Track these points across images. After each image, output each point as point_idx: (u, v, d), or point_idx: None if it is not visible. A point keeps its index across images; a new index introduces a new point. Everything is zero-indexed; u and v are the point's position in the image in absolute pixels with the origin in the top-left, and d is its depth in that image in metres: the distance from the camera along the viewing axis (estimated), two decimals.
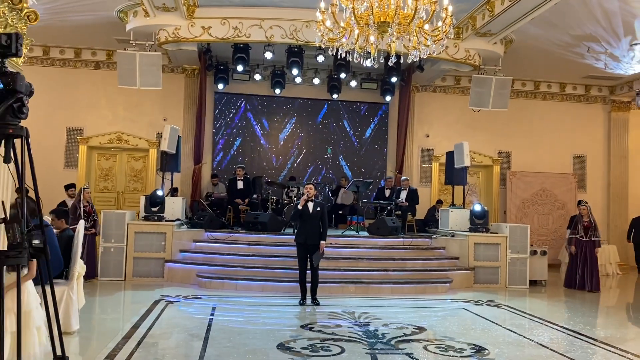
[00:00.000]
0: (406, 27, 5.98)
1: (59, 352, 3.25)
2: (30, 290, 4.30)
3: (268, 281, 9.12)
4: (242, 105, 13.92)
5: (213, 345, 5.68)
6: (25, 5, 3.18)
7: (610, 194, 14.95)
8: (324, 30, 6.34)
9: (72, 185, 10.84)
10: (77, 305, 5.99)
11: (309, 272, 8.18)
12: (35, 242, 2.98)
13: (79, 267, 5.96)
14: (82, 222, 6.26)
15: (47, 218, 5.83)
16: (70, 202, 10.08)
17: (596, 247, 10.55)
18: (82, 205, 9.39)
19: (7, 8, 3.10)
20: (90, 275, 9.32)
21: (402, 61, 11.76)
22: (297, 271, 8.33)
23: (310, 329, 6.55)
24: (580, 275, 10.47)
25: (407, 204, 12.00)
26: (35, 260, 3.54)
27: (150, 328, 6.33)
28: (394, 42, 6.34)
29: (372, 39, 6.36)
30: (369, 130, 14.31)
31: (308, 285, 8.21)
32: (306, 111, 14.16)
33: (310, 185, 8.31)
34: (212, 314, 7.22)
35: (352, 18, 5.97)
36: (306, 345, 5.74)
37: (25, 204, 2.93)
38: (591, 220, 10.62)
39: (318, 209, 8.15)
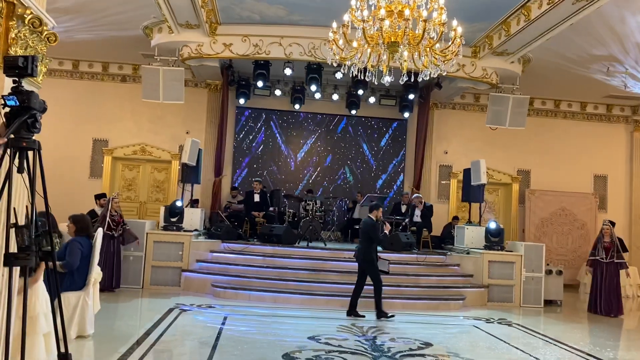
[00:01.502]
0: (416, 47, 6.13)
1: (62, 350, 3.44)
2: (39, 296, 4.39)
3: (281, 293, 9.26)
4: (263, 119, 14.22)
5: (220, 353, 5.85)
6: (45, 28, 3.43)
7: (632, 214, 14.73)
8: (336, 49, 6.52)
9: (103, 195, 10.91)
10: (93, 310, 6.22)
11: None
12: (45, 247, 3.21)
13: (95, 274, 6.20)
14: (100, 230, 6.52)
15: (64, 226, 6.10)
16: (100, 212, 10.34)
17: (620, 269, 10.00)
18: (110, 215, 9.54)
19: (28, 31, 3.35)
20: (117, 284, 9.60)
21: (419, 79, 11.88)
22: (311, 284, 8.91)
23: (318, 340, 6.66)
24: (601, 299, 9.91)
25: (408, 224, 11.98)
26: (42, 265, 3.75)
27: (161, 335, 6.53)
28: (405, 61, 6.49)
29: (384, 57, 6.54)
30: (387, 145, 14.44)
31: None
32: (325, 126, 14.38)
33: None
34: (223, 323, 7.39)
35: (363, 38, 6.15)
36: (311, 357, 5.86)
37: (34, 211, 3.15)
38: (613, 240, 10.09)
39: None
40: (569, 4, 8.16)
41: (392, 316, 8.25)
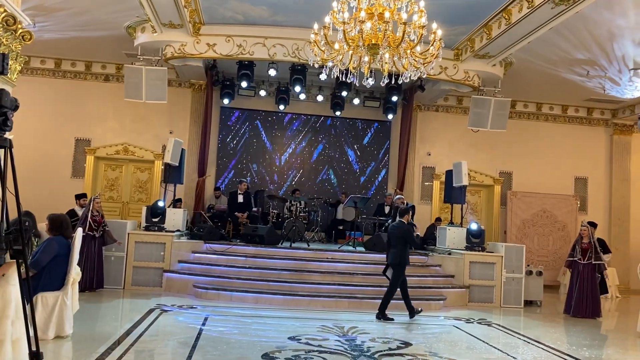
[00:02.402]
0: (396, 49, 6.18)
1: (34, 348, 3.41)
2: (7, 299, 4.13)
3: (263, 293, 9.26)
4: (247, 120, 14.21)
5: (199, 352, 5.85)
6: (19, 26, 3.41)
7: (611, 216, 14.97)
8: (317, 50, 6.56)
9: (84, 195, 10.89)
10: (72, 310, 6.19)
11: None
12: (16, 246, 3.18)
13: (74, 274, 6.17)
14: (79, 230, 6.48)
15: (43, 225, 6.05)
16: (80, 212, 10.28)
17: (599, 270, 9.92)
18: (92, 215, 9.48)
19: (1, 29, 3.34)
20: (99, 284, 9.55)
21: (400, 81, 12.00)
22: (293, 284, 9.05)
23: (298, 340, 6.68)
24: (577, 300, 9.79)
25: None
26: (13, 264, 3.70)
27: (141, 335, 6.50)
28: (386, 63, 6.55)
29: (365, 59, 6.59)
30: (371, 146, 14.52)
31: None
32: (310, 127, 14.41)
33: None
34: (203, 324, 7.38)
35: (344, 40, 6.19)
36: (290, 356, 5.87)
37: (5, 209, 3.13)
38: (592, 242, 9.97)
39: None
40: (549, 8, 8.29)
41: (392, 319, 8.36)
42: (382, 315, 8.36)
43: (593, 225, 10.97)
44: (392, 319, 8.31)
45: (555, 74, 12.04)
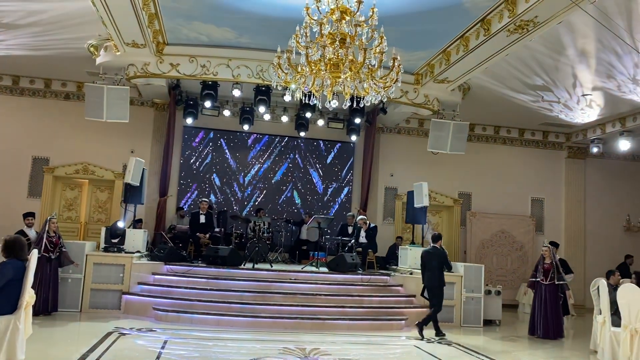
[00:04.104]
0: (357, 74, 6.33)
1: None
2: None
3: (224, 315, 9.16)
4: (211, 140, 14.16)
5: None
6: None
7: (566, 237, 15.42)
8: (281, 73, 6.65)
9: (31, 214, 10.32)
10: (24, 334, 5.99)
11: None
12: None
13: (28, 296, 5.98)
14: (34, 252, 6.29)
15: None
16: (28, 232, 9.98)
17: (561, 291, 9.89)
18: (48, 236, 9.22)
19: None
20: (54, 307, 9.28)
21: (361, 104, 12.21)
22: (255, 306, 9.24)
23: None
24: (540, 321, 9.77)
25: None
26: None
27: (98, 359, 6.34)
28: (348, 86, 6.69)
29: (327, 82, 6.71)
30: (335, 167, 14.65)
31: None
32: (274, 147, 14.46)
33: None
34: (162, 347, 7.26)
35: (306, 64, 6.30)
36: None
37: None
38: (553, 262, 9.97)
39: None
40: (504, 36, 8.62)
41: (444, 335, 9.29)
42: (440, 334, 9.24)
43: (555, 245, 11.06)
44: (445, 335, 9.29)
45: (511, 99, 12.46)
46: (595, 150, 14.55)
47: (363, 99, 6.92)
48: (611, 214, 15.69)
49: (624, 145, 13.57)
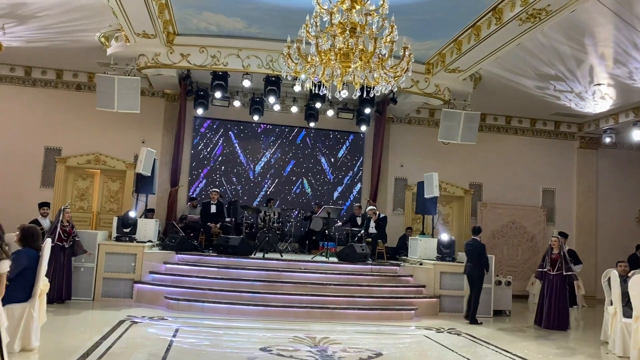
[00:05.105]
0: (367, 64, 6.30)
1: None
2: None
3: (235, 304, 9.24)
4: (221, 130, 14.21)
5: None
6: None
7: (578, 227, 15.33)
8: (290, 63, 6.64)
9: (46, 204, 10.61)
10: (39, 322, 6.09)
11: None
12: None
13: (42, 285, 6.08)
14: (48, 241, 6.39)
15: (12, 235, 5.95)
16: (43, 221, 10.11)
17: (569, 281, 9.84)
18: (62, 225, 9.31)
19: None
20: (67, 296, 9.40)
21: (371, 94, 12.18)
22: (265, 295, 9.40)
23: (269, 351, 6.69)
24: (546, 312, 9.75)
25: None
26: None
27: (110, 347, 6.43)
28: (358, 76, 6.67)
29: (337, 72, 6.69)
30: (344, 157, 14.64)
31: None
32: (284, 138, 14.48)
33: None
34: (174, 335, 7.33)
35: (316, 53, 6.28)
36: None
37: None
38: (561, 253, 9.86)
39: None
40: (516, 25, 8.53)
41: (481, 323, 9.90)
42: (474, 321, 9.88)
43: (564, 235, 11.03)
44: (481, 323, 9.89)
45: (523, 88, 12.35)
46: (607, 140, 14.40)
47: (373, 88, 6.91)
48: (623, 204, 15.54)
49: (637, 135, 13.42)
